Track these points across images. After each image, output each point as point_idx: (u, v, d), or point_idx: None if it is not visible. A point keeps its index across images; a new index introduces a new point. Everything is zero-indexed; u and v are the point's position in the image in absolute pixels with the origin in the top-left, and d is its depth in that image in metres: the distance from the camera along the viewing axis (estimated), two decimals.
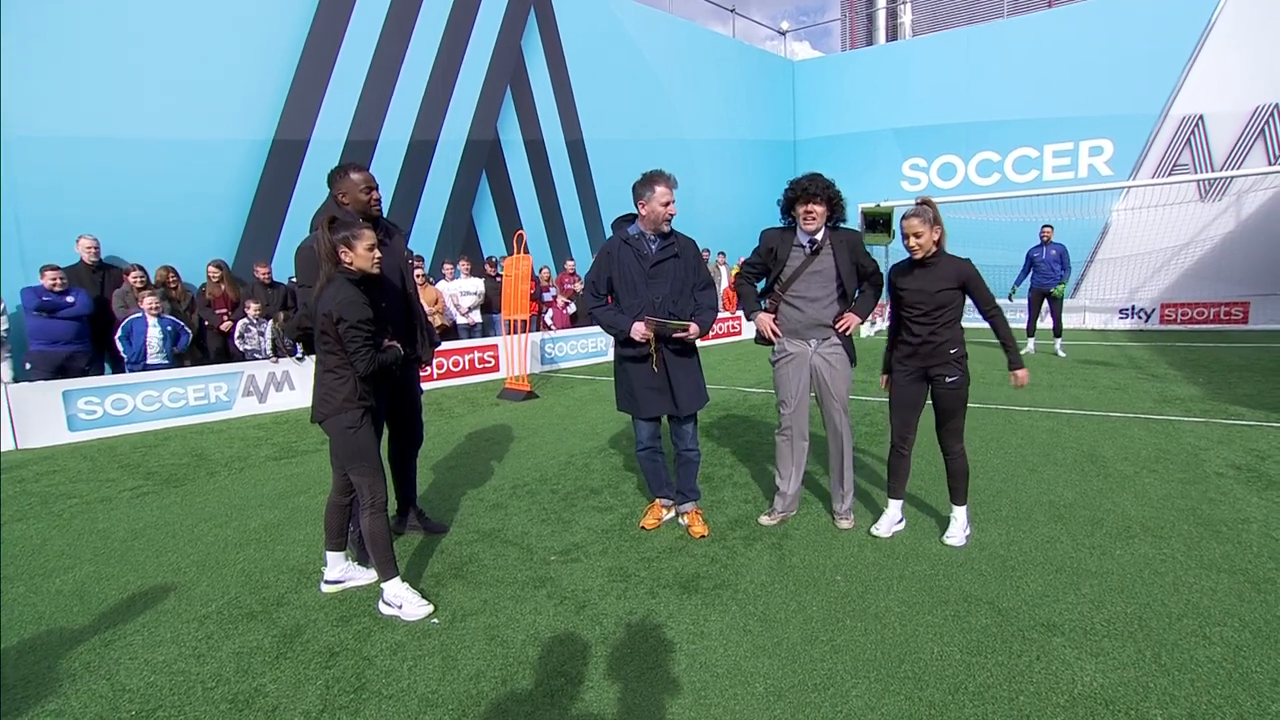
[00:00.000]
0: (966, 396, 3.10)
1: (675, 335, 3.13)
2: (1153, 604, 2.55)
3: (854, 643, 2.37)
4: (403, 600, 2.67)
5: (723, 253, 13.66)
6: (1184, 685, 2.07)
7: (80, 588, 3.04)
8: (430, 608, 2.68)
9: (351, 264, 2.63)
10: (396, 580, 2.71)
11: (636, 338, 3.14)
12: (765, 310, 3.36)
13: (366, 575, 2.93)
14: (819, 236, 3.21)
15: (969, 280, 3.02)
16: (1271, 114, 12.48)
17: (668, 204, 3.13)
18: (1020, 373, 3.09)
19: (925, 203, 3.05)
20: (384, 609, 2.69)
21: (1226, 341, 10.36)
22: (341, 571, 2.91)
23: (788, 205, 3.25)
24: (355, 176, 3.00)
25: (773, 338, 3.31)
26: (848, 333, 3.27)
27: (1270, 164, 12.44)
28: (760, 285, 3.48)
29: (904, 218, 3.05)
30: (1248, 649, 2.25)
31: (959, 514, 3.20)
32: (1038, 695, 2.05)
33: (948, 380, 3.05)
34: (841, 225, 3.31)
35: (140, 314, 6.62)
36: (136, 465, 5.22)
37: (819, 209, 3.14)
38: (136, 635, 2.59)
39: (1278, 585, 2.66)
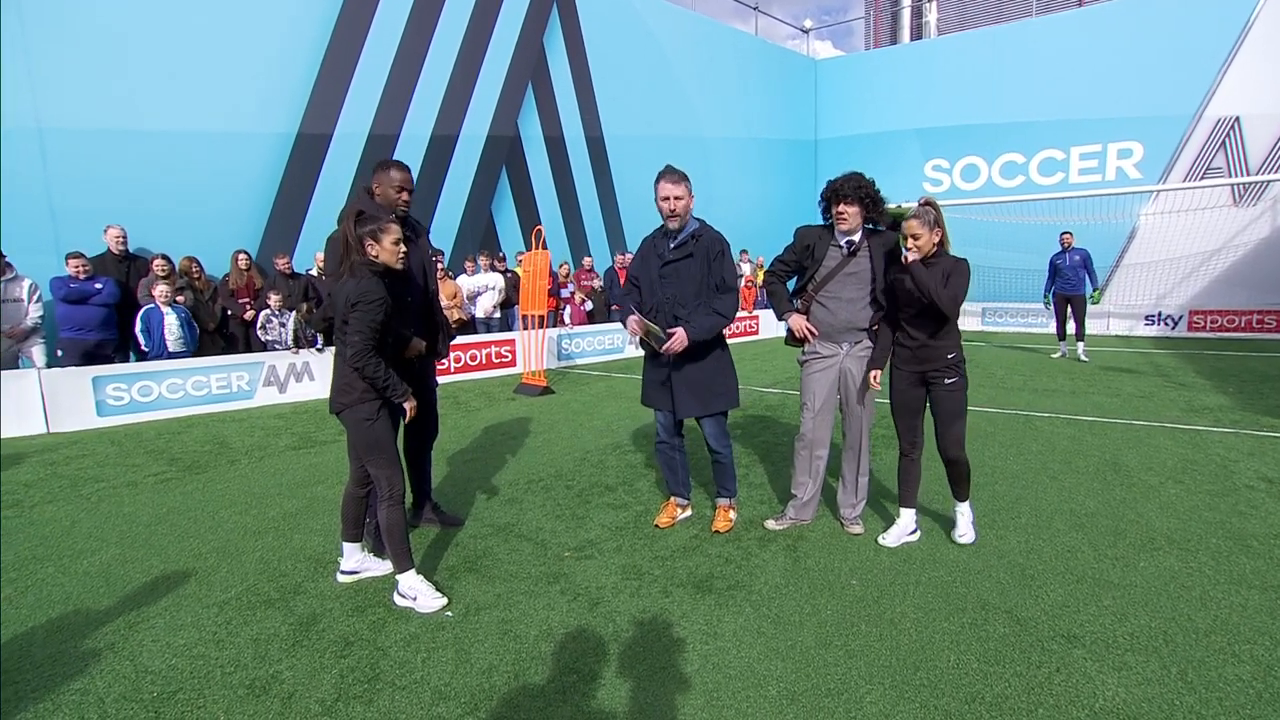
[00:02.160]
0: (965, 401, 3.05)
1: (658, 346, 3.05)
2: (1178, 618, 2.49)
3: (869, 648, 2.35)
4: (417, 592, 2.69)
5: (745, 250, 13.56)
6: (1212, 704, 2.02)
7: (106, 570, 3.11)
8: (444, 600, 2.70)
9: (377, 257, 2.65)
10: (412, 573, 2.73)
11: (629, 333, 3.22)
12: (798, 311, 3.29)
13: (382, 566, 2.96)
14: (856, 238, 3.15)
15: (954, 271, 2.89)
16: None
17: (665, 199, 3.08)
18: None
19: (928, 203, 2.96)
20: (399, 600, 2.71)
21: (1259, 350, 10.09)
22: (357, 562, 2.94)
23: (827, 205, 3.19)
24: (394, 174, 3.08)
25: (810, 337, 3.24)
26: (874, 386, 3.24)
27: None
28: (791, 284, 3.42)
29: (905, 219, 2.95)
30: (1279, 668, 2.18)
31: (964, 509, 3.19)
32: (1057, 708, 2.01)
33: (946, 382, 3.00)
34: (880, 228, 3.24)
35: (154, 304, 6.72)
36: (161, 451, 5.33)
37: (851, 209, 3.06)
38: (159, 618, 2.65)
39: None
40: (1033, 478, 4.14)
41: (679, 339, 3.04)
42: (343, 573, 2.93)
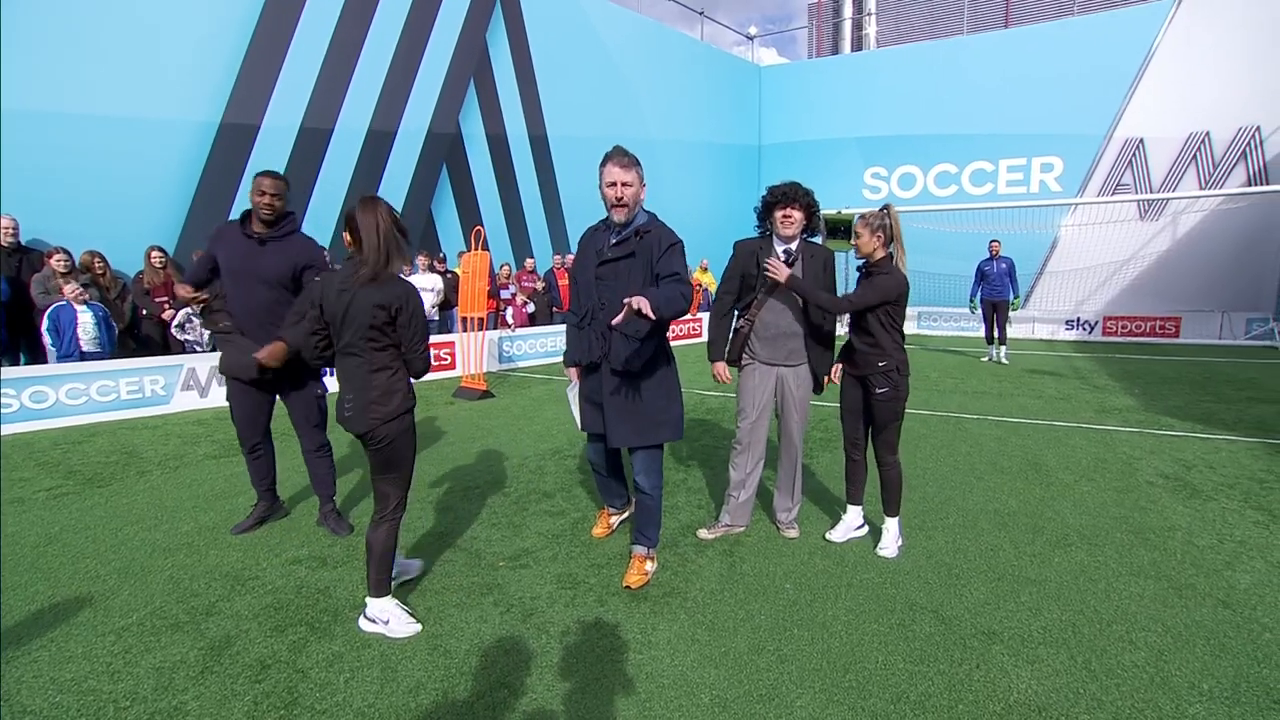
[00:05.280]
0: (899, 411, 3.10)
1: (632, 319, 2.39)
2: (1086, 610, 2.64)
3: (800, 652, 2.38)
4: (390, 616, 2.53)
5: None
6: (1110, 690, 2.14)
7: None
8: (419, 626, 2.55)
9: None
10: (389, 598, 2.57)
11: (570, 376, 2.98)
12: (738, 326, 3.32)
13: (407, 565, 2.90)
14: (794, 246, 3.19)
15: (872, 279, 3.01)
16: (1203, 140, 13.23)
17: (612, 185, 2.65)
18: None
19: (884, 209, 3.07)
20: (365, 626, 2.54)
21: (1160, 354, 10.91)
22: (399, 569, 2.83)
23: (766, 210, 3.20)
24: (260, 179, 3.21)
25: (728, 381, 3.34)
26: (831, 381, 3.29)
27: (1201, 187, 13.18)
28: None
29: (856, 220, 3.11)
30: (1169, 653, 2.34)
31: (890, 525, 3.21)
32: (976, 704, 2.09)
33: (877, 391, 3.07)
34: (814, 240, 3.29)
35: (65, 302, 6.22)
36: (56, 463, 4.90)
37: (797, 214, 3.10)
38: (43, 651, 2.41)
39: (1197, 590, 2.78)
40: (961, 479, 4.32)
41: (637, 303, 2.30)
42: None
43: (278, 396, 3.46)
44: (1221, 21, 12.90)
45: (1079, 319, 13.58)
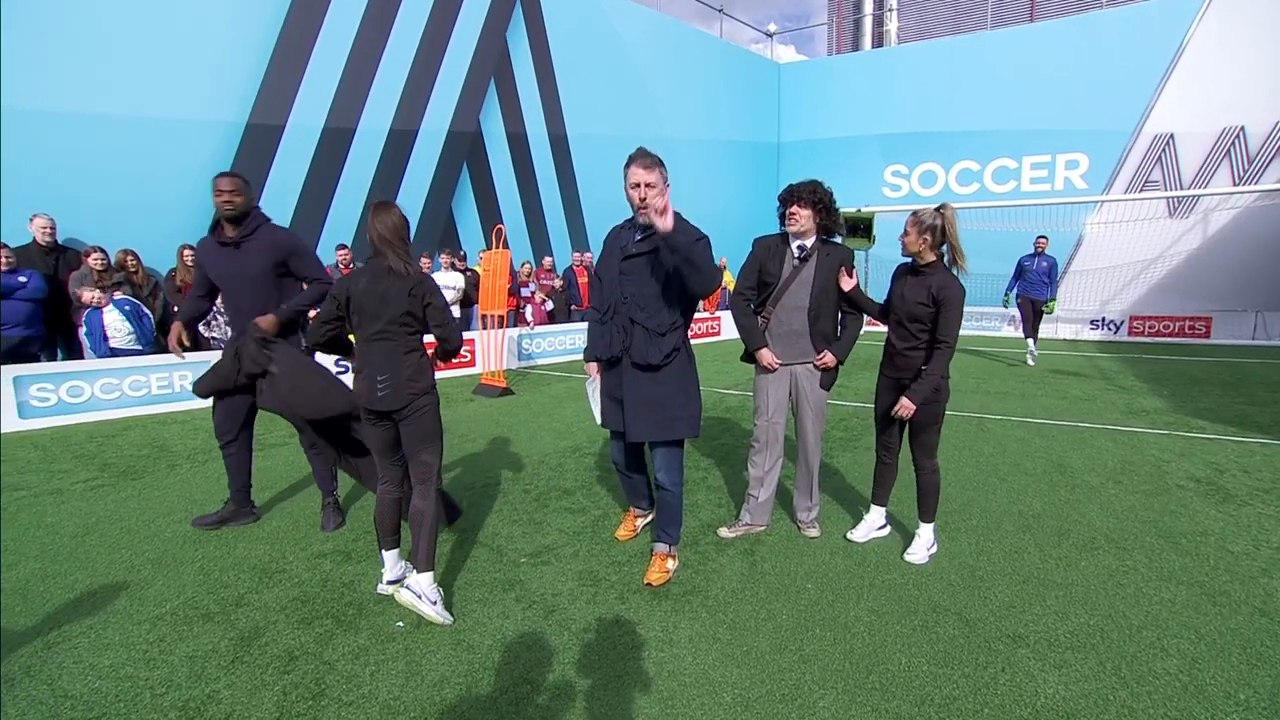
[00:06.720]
0: (940, 414, 3.04)
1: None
2: (1115, 616, 2.59)
3: (823, 652, 2.37)
4: (438, 597, 2.60)
5: None
6: (1142, 698, 2.10)
7: (23, 586, 2.91)
8: (451, 619, 2.60)
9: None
10: (432, 574, 2.63)
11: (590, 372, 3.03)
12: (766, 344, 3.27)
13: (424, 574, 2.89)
14: (809, 244, 3.18)
15: (943, 302, 2.89)
16: (1237, 136, 12.86)
17: (635, 186, 2.72)
18: (906, 401, 2.96)
19: (939, 208, 2.96)
20: (405, 596, 2.55)
21: (1190, 355, 10.65)
22: (403, 569, 2.81)
23: (782, 208, 3.20)
24: (216, 180, 3.29)
25: (771, 369, 3.23)
26: (823, 367, 3.21)
27: (1235, 184, 12.83)
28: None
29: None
30: (1203, 661, 2.29)
31: (924, 531, 3.15)
32: (1002, 708, 2.06)
33: None
34: (834, 241, 3.25)
35: (93, 307, 6.39)
36: (92, 456, 5.04)
37: (802, 212, 3.10)
38: (82, 638, 2.49)
39: (1232, 598, 2.72)
40: (984, 480, 4.26)
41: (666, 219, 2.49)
42: (389, 583, 2.77)
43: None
44: (1257, 12, 12.54)
45: (1104, 319, 13.29)
